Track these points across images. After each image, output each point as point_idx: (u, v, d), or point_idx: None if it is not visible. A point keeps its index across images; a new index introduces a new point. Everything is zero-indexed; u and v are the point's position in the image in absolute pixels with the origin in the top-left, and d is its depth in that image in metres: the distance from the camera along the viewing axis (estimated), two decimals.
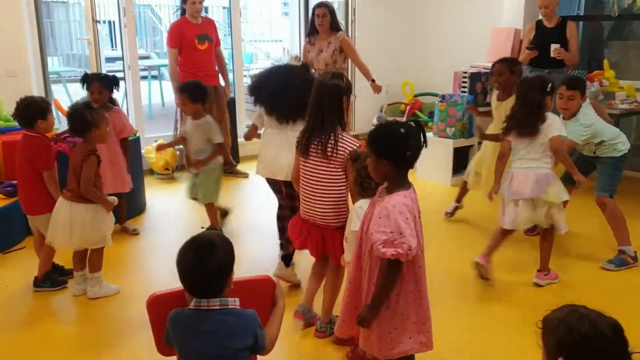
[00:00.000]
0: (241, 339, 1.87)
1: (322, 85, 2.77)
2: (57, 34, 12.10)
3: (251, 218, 4.83)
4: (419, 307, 2.22)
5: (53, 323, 3.25)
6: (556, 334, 1.49)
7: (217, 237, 1.92)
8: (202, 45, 5.63)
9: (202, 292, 1.87)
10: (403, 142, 2.12)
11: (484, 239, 3.89)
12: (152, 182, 5.73)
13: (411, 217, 2.08)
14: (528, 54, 5.35)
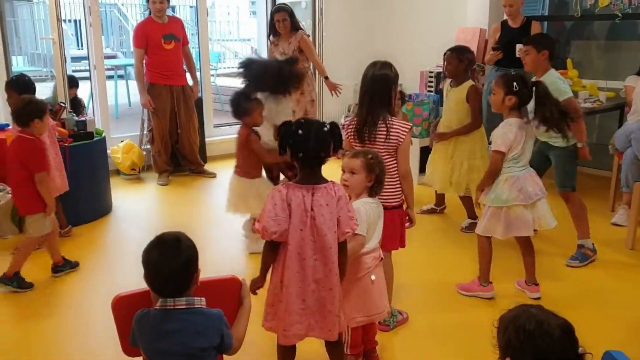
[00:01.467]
0: (207, 338, 1.88)
1: (372, 76, 2.90)
2: (22, 33, 11.86)
3: (217, 218, 4.82)
4: (279, 293, 2.29)
5: (20, 324, 3.20)
6: (505, 333, 1.51)
7: (182, 235, 1.93)
8: (168, 45, 5.60)
9: (170, 289, 1.87)
10: (297, 144, 2.21)
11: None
12: (119, 182, 5.67)
13: (281, 204, 2.18)
14: (493, 55, 5.44)
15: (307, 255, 2.23)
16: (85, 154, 4.63)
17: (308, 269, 2.24)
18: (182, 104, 5.74)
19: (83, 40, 10.40)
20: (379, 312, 2.63)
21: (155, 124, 5.70)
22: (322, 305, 2.29)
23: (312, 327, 2.31)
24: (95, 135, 4.80)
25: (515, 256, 3.59)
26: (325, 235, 2.22)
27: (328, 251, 2.24)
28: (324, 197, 2.22)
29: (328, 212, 2.22)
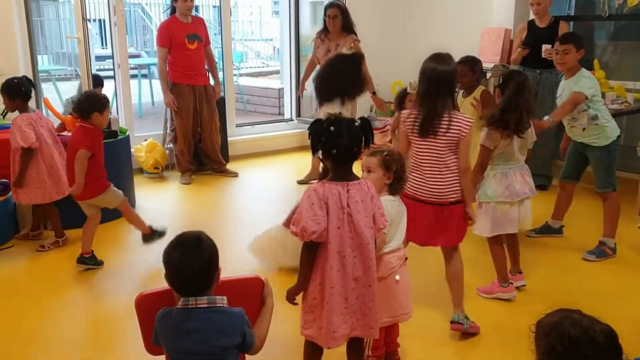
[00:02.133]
0: (229, 337, 1.87)
1: (437, 68, 2.88)
2: (47, 32, 12.03)
3: (239, 217, 4.83)
4: (322, 299, 2.25)
5: (43, 322, 3.23)
6: (548, 339, 1.47)
7: (202, 234, 1.93)
8: (192, 45, 5.61)
9: (191, 289, 1.88)
10: (329, 141, 2.19)
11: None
12: (142, 181, 5.71)
13: (318, 203, 2.16)
14: (520, 53, 5.35)
15: (346, 253, 2.22)
16: (109, 153, 4.61)
17: (348, 267, 2.23)
18: (204, 103, 5.75)
19: (107, 40, 10.50)
20: (404, 312, 2.61)
21: (178, 124, 5.71)
22: (362, 303, 2.28)
23: (354, 326, 2.30)
24: (119, 134, 4.84)
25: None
26: (363, 232, 2.21)
27: (366, 247, 2.23)
28: (358, 193, 2.22)
29: (363, 209, 2.22)
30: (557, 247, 4.20)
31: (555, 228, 4.37)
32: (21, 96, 3.99)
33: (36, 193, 4.06)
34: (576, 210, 4.43)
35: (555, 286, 3.64)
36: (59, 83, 9.14)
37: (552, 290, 3.58)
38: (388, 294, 2.53)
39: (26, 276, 3.83)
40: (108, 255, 4.01)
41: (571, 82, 3.87)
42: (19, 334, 3.11)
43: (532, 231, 4.39)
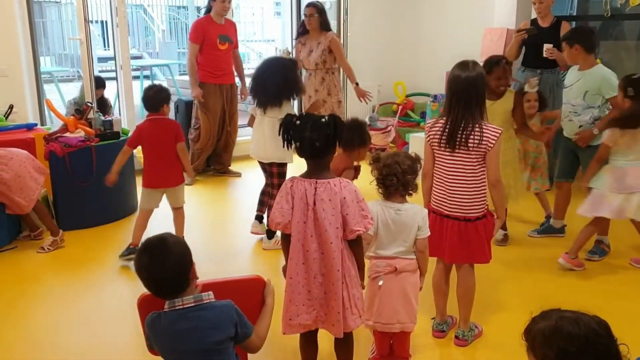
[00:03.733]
0: (222, 330, 1.89)
1: (467, 77, 2.73)
2: (50, 33, 12.05)
3: (242, 217, 4.84)
4: (288, 284, 2.32)
5: (46, 323, 3.24)
6: (553, 344, 1.43)
7: (167, 235, 1.95)
8: (222, 46, 5.69)
9: (169, 291, 1.89)
10: (292, 134, 2.25)
11: None
12: None
13: (286, 196, 2.27)
14: (519, 35, 5.17)
15: (310, 248, 2.27)
16: (112, 154, 4.64)
17: (313, 262, 2.28)
18: (228, 103, 5.83)
19: (109, 41, 10.51)
20: (386, 322, 2.54)
21: (204, 122, 5.74)
22: (327, 299, 2.30)
23: (321, 319, 2.34)
24: (122, 135, 4.85)
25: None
26: (326, 231, 2.23)
27: (329, 247, 2.24)
28: (326, 192, 2.24)
29: (330, 208, 2.23)
30: (560, 247, 4.19)
31: (557, 228, 4.37)
32: None
33: (31, 187, 4.10)
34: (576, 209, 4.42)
35: (556, 287, 3.64)
36: (61, 84, 9.15)
37: (554, 291, 3.58)
38: (372, 297, 2.53)
39: (29, 277, 3.84)
40: (111, 256, 4.02)
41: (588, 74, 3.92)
42: (22, 336, 3.11)
43: (534, 231, 4.39)
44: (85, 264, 3.92)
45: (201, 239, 4.44)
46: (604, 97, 3.87)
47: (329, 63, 5.37)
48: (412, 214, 2.53)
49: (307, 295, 2.30)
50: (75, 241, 4.30)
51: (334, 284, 2.26)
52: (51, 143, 4.44)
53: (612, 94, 3.80)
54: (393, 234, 2.53)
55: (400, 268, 2.52)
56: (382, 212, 2.50)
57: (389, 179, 2.51)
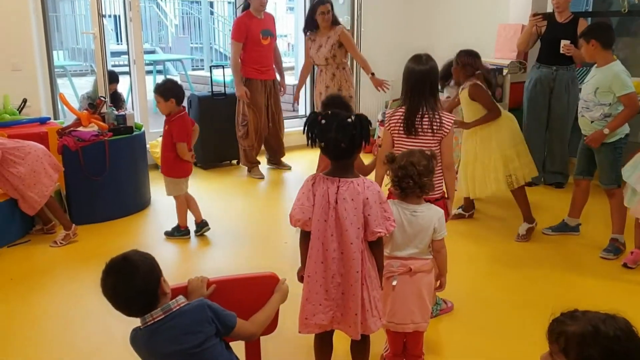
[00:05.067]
0: (197, 333, 1.84)
1: (421, 69, 2.96)
2: (63, 27, 12.09)
3: (253, 212, 4.87)
4: (305, 283, 2.29)
5: (57, 318, 3.25)
6: (596, 347, 1.42)
7: (130, 254, 1.91)
8: (265, 41, 5.65)
9: (140, 309, 1.85)
10: (317, 133, 2.19)
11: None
12: (157, 176, 5.70)
13: (307, 193, 2.23)
14: (534, 19, 5.17)
15: (330, 247, 2.23)
16: (125, 148, 4.68)
17: (332, 261, 2.24)
18: (272, 98, 5.82)
19: (122, 36, 10.53)
20: (400, 322, 2.52)
21: (251, 119, 5.73)
22: (345, 300, 2.27)
23: (337, 320, 2.31)
24: (135, 130, 4.86)
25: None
26: (346, 231, 2.19)
27: (349, 247, 2.21)
28: (349, 191, 2.19)
29: (352, 208, 2.19)
30: (575, 245, 4.16)
31: (572, 226, 4.32)
32: None
33: (45, 183, 4.12)
34: (593, 208, 4.39)
35: (573, 286, 3.61)
36: (75, 79, 9.18)
37: (571, 289, 3.55)
38: (385, 296, 2.50)
39: (41, 271, 3.85)
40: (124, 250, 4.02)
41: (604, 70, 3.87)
42: (34, 330, 3.13)
43: (549, 229, 4.35)
44: (97, 259, 3.86)
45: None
46: (615, 95, 3.81)
47: (339, 57, 5.36)
48: (429, 215, 2.51)
49: (325, 295, 2.26)
50: (87, 235, 4.32)
51: (352, 285, 2.23)
52: (64, 137, 4.45)
53: (623, 92, 3.74)
54: (409, 235, 2.50)
55: (415, 269, 2.49)
56: (397, 213, 2.46)
57: (405, 181, 2.47)
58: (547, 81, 5.18)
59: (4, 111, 4.85)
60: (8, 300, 3.42)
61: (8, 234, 4.18)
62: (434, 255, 2.56)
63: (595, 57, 3.90)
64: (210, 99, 6.02)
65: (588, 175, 4.14)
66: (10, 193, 4.09)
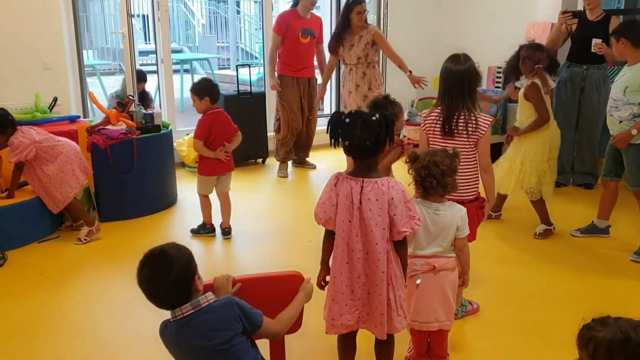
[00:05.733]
0: (225, 330, 1.85)
1: (459, 69, 2.94)
2: (92, 27, 12.26)
3: (277, 211, 4.88)
4: (331, 284, 2.30)
5: (86, 311, 3.30)
6: (627, 351, 1.42)
7: (168, 247, 1.91)
8: (304, 39, 5.72)
9: (170, 304, 1.87)
10: (342, 132, 2.17)
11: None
12: (184, 174, 5.77)
13: (329, 191, 2.23)
14: (564, 17, 5.13)
15: (355, 248, 2.22)
16: (152, 146, 4.73)
17: (357, 262, 2.23)
18: (306, 96, 5.87)
19: (150, 35, 10.65)
20: (424, 321, 2.51)
21: (282, 114, 5.83)
22: (371, 300, 2.26)
23: (363, 320, 2.30)
24: (162, 128, 4.91)
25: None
26: (372, 231, 2.18)
27: (374, 247, 2.20)
28: (373, 191, 2.18)
29: (377, 208, 2.18)
30: (603, 247, 4.09)
31: (601, 228, 4.25)
32: (11, 126, 4.06)
33: (72, 184, 4.18)
34: (623, 209, 4.31)
35: (602, 289, 3.55)
36: (104, 77, 9.31)
37: (600, 293, 3.49)
38: (409, 295, 2.48)
39: (70, 267, 3.91)
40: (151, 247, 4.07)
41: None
42: (64, 325, 3.18)
43: (577, 231, 4.28)
44: (125, 255, 3.97)
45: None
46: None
47: (371, 57, 5.35)
48: (451, 214, 2.49)
49: (350, 295, 2.26)
50: (115, 232, 4.38)
51: (378, 285, 2.22)
52: (93, 135, 4.52)
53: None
54: (432, 234, 2.49)
55: (438, 267, 2.48)
56: (420, 212, 2.44)
57: (428, 180, 2.46)
58: (577, 80, 5.10)
59: (35, 109, 4.94)
60: (37, 295, 3.48)
61: (38, 230, 4.26)
62: (456, 254, 2.54)
63: (625, 56, 3.84)
64: (236, 97, 6.05)
65: (616, 177, 4.07)
66: (37, 190, 4.16)
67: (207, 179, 4.23)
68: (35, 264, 3.90)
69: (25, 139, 4.04)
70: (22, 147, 4.02)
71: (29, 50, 5.05)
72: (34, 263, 3.91)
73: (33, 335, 3.06)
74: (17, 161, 4.05)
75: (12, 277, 3.72)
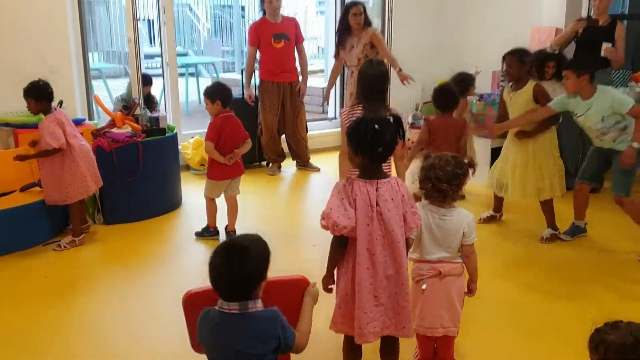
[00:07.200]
0: (262, 343, 1.85)
1: (365, 74, 3.22)
2: (98, 30, 12.31)
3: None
4: (352, 294, 2.27)
5: (91, 317, 3.31)
6: (635, 356, 1.43)
7: (253, 243, 1.89)
8: (278, 44, 5.83)
9: (228, 295, 1.87)
10: (376, 139, 2.20)
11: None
12: (188, 177, 5.79)
13: (347, 198, 2.20)
14: (576, 24, 5.14)
15: (376, 251, 2.22)
16: (158, 149, 4.75)
17: (379, 265, 2.23)
18: (288, 99, 5.96)
19: (155, 39, 10.67)
20: (429, 326, 2.50)
21: (263, 117, 5.98)
22: (395, 302, 2.27)
23: (387, 325, 2.30)
24: (167, 131, 4.92)
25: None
26: (393, 230, 2.21)
27: (397, 246, 2.22)
28: (388, 192, 2.22)
29: (394, 207, 2.22)
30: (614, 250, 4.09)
31: (582, 227, 4.32)
32: (47, 98, 4.05)
33: (78, 189, 4.15)
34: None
35: (614, 293, 3.54)
36: (109, 80, 9.34)
37: (610, 299, 3.49)
38: (415, 300, 2.49)
39: (74, 271, 3.92)
40: (156, 250, 4.09)
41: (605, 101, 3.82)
42: (73, 330, 3.19)
43: (567, 235, 4.29)
44: (130, 258, 3.98)
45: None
46: (620, 114, 3.80)
47: (371, 57, 5.37)
48: (457, 219, 2.48)
49: (374, 301, 2.25)
50: (120, 235, 4.39)
51: (403, 284, 2.25)
52: (99, 138, 4.54)
53: (627, 108, 3.75)
54: (437, 239, 2.48)
55: (444, 272, 2.47)
56: (425, 217, 2.45)
57: (425, 183, 2.48)
58: None
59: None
60: (42, 299, 3.49)
61: (42, 232, 4.27)
62: (463, 260, 2.53)
63: (581, 90, 3.88)
64: (241, 101, 6.06)
65: (596, 182, 4.16)
66: (44, 176, 4.12)
67: (217, 184, 4.23)
68: (39, 267, 3.90)
69: (60, 127, 4.02)
70: (58, 134, 3.98)
71: (35, 53, 5.07)
72: (39, 266, 3.91)
73: (35, 339, 3.06)
74: (58, 147, 3.98)
75: (16, 280, 3.73)
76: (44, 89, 4.04)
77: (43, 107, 4.05)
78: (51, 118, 4.04)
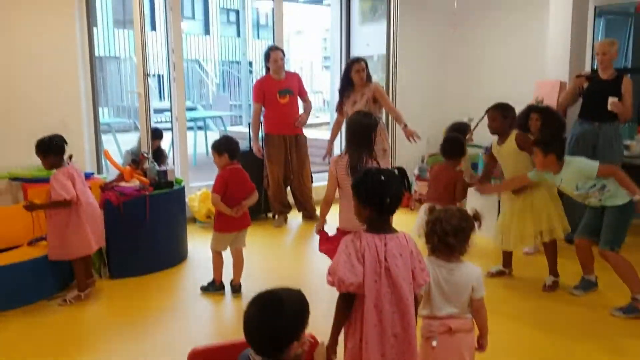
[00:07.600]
0: None
1: (354, 123, 3.55)
2: (109, 86, 12.57)
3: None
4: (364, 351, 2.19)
5: None
6: None
7: (290, 297, 1.85)
8: (283, 99, 6.02)
9: (259, 349, 1.82)
10: (382, 190, 2.20)
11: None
12: (195, 230, 5.78)
13: (355, 254, 2.15)
14: (579, 80, 5.20)
15: (384, 308, 2.17)
16: (165, 202, 4.77)
17: (386, 323, 2.18)
18: (294, 152, 6.12)
19: (165, 93, 10.88)
20: None
21: (270, 170, 6.09)
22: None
23: None
24: (175, 184, 4.95)
25: None
26: (401, 287, 2.17)
27: (405, 303, 2.18)
28: (396, 247, 2.19)
29: (402, 263, 2.18)
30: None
31: (593, 282, 4.25)
32: (55, 153, 4.08)
33: (79, 247, 4.12)
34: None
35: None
36: (119, 135, 9.47)
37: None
38: (426, 357, 2.43)
39: (79, 324, 3.87)
40: (163, 304, 4.05)
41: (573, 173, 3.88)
42: None
43: (580, 290, 4.21)
44: (136, 314, 3.92)
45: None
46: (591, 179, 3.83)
47: (374, 112, 5.43)
48: (466, 273, 2.46)
49: (380, 359, 2.20)
50: (126, 290, 4.35)
51: (410, 342, 2.20)
52: (107, 192, 4.56)
53: (594, 171, 3.79)
54: (446, 293, 2.45)
55: (454, 328, 2.42)
56: (433, 272, 2.42)
57: (430, 237, 2.47)
58: (590, 137, 5.10)
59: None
60: (48, 354, 3.43)
61: (47, 286, 4.23)
62: (473, 315, 2.49)
63: (550, 167, 3.91)
64: (248, 154, 6.12)
65: (592, 237, 4.04)
66: (50, 229, 4.11)
67: (223, 236, 4.22)
68: (43, 321, 3.86)
69: (71, 181, 4.03)
70: (69, 187, 3.99)
71: (47, 109, 5.17)
72: (43, 321, 3.87)
73: None
74: (69, 199, 3.97)
75: (21, 335, 3.69)
76: (49, 144, 4.07)
77: (53, 162, 4.09)
78: (63, 171, 4.07)
